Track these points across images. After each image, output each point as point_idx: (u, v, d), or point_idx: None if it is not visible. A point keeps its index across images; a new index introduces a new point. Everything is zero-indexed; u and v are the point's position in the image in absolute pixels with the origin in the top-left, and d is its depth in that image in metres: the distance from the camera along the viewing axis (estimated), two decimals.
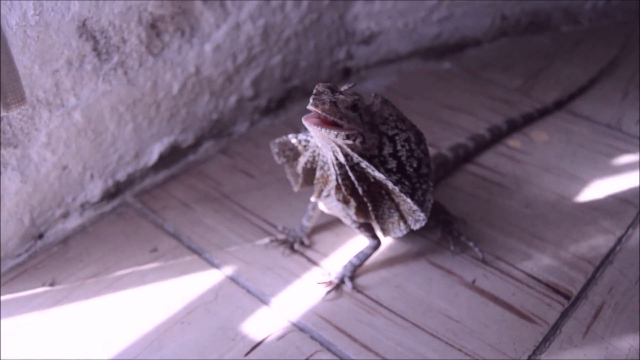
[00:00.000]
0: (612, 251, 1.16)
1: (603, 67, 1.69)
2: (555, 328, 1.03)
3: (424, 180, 0.99)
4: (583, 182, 1.32)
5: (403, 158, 0.98)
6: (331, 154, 0.96)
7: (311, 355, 0.99)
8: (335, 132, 0.89)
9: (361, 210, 1.04)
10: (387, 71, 1.73)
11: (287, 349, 1.00)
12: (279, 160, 1.08)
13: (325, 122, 0.89)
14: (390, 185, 0.96)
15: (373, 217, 1.02)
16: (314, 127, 0.89)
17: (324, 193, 1.04)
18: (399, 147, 0.97)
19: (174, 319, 1.04)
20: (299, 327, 1.03)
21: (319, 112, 0.87)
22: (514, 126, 1.48)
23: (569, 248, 1.17)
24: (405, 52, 1.74)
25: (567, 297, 1.08)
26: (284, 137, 1.04)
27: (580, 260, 1.14)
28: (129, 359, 0.98)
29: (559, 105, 1.56)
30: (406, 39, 1.72)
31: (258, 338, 1.01)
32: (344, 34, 1.61)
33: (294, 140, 1.04)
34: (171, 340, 1.01)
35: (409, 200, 0.97)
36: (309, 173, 1.06)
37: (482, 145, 1.42)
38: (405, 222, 1.02)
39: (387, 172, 0.97)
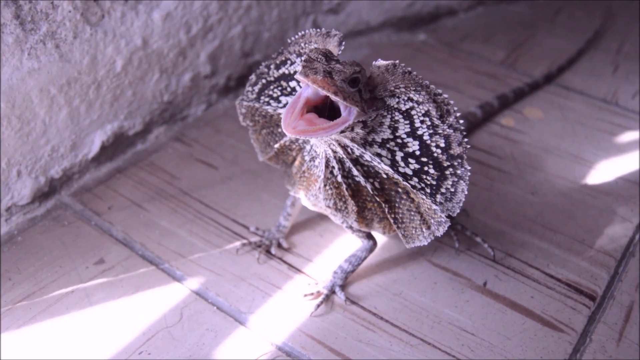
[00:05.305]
0: (631, 241, 1.04)
1: (589, 37, 1.59)
2: (584, 336, 0.89)
3: (458, 163, 0.78)
4: (588, 164, 1.20)
5: (425, 137, 0.78)
6: (325, 146, 0.79)
7: None
8: (328, 133, 0.73)
9: (363, 216, 0.86)
10: (358, 44, 1.56)
11: None
12: (243, 122, 0.89)
13: (312, 122, 0.72)
14: (401, 180, 0.78)
15: (392, 221, 0.84)
16: (299, 136, 0.72)
17: (309, 197, 0.86)
18: (417, 124, 0.78)
19: (130, 348, 0.87)
20: (285, 352, 0.86)
21: (310, 83, 0.70)
22: (506, 102, 1.34)
23: (585, 240, 1.04)
24: (376, 23, 1.58)
25: (591, 297, 0.94)
26: (256, 104, 0.85)
27: (599, 253, 1.02)
28: None
29: (549, 78, 1.44)
30: (377, 8, 1.57)
31: None
32: (310, 2, 1.43)
33: (271, 111, 0.85)
34: None
35: (425, 197, 0.79)
36: (286, 151, 0.88)
37: (475, 124, 1.27)
38: (428, 226, 0.83)
39: (407, 157, 0.78)
